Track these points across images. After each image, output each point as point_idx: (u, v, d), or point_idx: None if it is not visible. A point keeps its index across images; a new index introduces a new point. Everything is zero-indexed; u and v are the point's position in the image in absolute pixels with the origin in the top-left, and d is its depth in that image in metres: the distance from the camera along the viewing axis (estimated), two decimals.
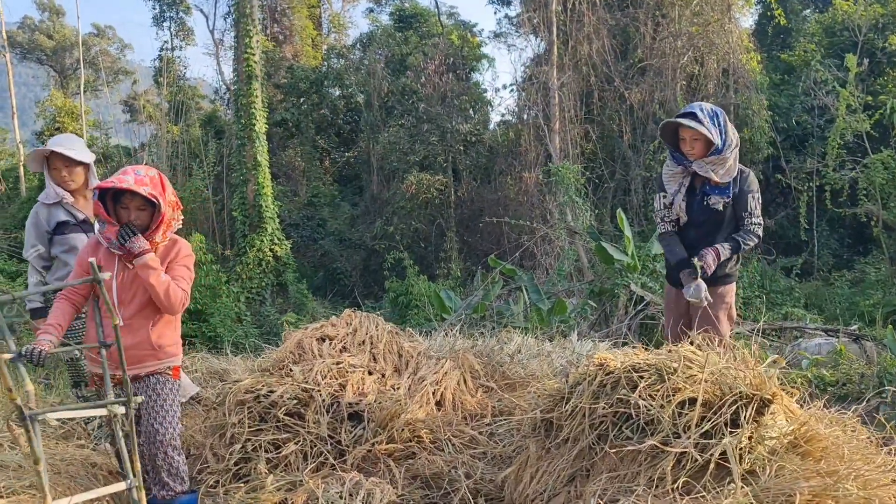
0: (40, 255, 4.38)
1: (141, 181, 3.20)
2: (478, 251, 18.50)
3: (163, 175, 3.35)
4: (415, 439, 3.87)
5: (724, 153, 3.93)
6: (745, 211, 4.04)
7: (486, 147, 20.45)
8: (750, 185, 4.06)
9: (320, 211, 21.13)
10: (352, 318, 4.83)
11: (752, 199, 4.01)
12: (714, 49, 17.12)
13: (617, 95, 17.95)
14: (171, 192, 3.35)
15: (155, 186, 3.24)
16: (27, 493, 3.54)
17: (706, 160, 3.96)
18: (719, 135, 3.91)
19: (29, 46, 31.61)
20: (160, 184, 3.29)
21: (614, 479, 3.05)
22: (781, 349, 8.42)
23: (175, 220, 3.37)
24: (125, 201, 3.27)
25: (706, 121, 3.91)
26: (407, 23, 24.56)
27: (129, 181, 3.17)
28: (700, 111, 3.94)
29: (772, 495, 2.58)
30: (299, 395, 4.04)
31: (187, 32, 27.18)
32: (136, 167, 3.30)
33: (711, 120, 3.93)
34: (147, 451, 3.36)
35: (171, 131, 22.83)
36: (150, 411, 3.37)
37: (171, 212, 3.32)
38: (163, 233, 3.31)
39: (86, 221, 4.42)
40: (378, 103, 22.18)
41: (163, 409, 3.37)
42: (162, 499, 3.39)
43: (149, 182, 3.22)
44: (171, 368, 3.44)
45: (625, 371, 3.21)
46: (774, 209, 17.93)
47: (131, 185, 3.15)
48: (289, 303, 16.48)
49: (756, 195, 4.04)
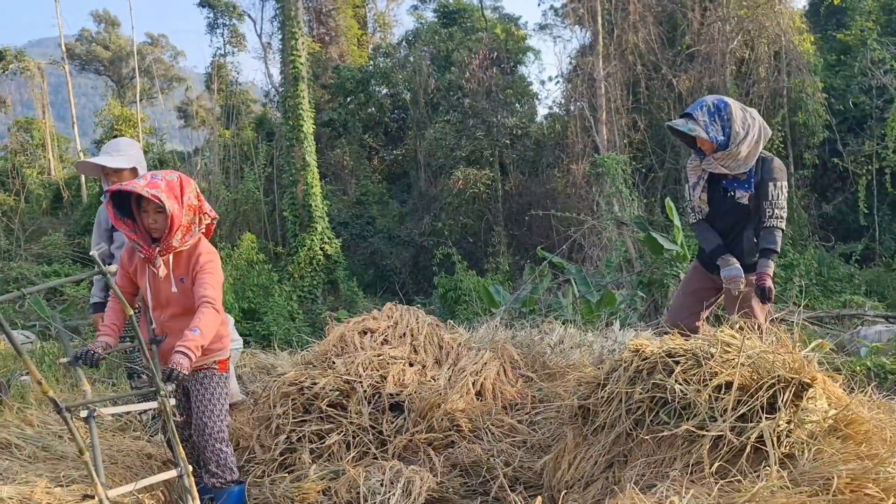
0: (102, 253, 4.52)
1: (153, 184, 3.18)
2: (526, 245, 18.45)
3: (186, 179, 3.32)
4: (454, 428, 3.91)
5: (729, 148, 3.84)
6: (766, 200, 3.90)
7: (533, 140, 20.38)
8: (772, 171, 3.92)
9: (369, 209, 21.34)
10: (393, 312, 4.89)
11: (775, 188, 3.87)
12: (764, 32, 16.70)
13: (665, 83, 17.67)
14: (192, 196, 3.31)
15: (169, 190, 3.21)
16: (85, 482, 3.71)
17: (714, 156, 3.90)
18: (721, 130, 3.84)
19: (87, 58, 32.69)
20: (177, 187, 3.26)
21: (651, 464, 3.05)
22: (840, 337, 8.21)
23: (196, 225, 3.34)
24: (144, 205, 3.27)
25: (702, 118, 3.86)
26: (451, 18, 24.60)
27: (139, 184, 3.17)
28: (699, 109, 3.90)
29: (809, 479, 2.55)
30: (341, 387, 4.12)
31: (240, 38, 27.78)
32: (157, 172, 3.29)
33: (711, 116, 3.86)
34: (197, 442, 3.47)
35: (223, 135, 23.35)
36: (198, 405, 3.45)
37: (192, 216, 3.30)
38: (181, 237, 3.28)
39: None
40: (424, 100, 22.30)
41: (210, 403, 3.45)
42: (212, 486, 3.49)
43: (163, 186, 3.19)
44: (216, 363, 3.50)
45: (661, 356, 3.20)
46: (832, 194, 17.43)
47: (136, 188, 3.15)
48: (340, 300, 16.70)
49: (779, 183, 3.88)
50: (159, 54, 34.40)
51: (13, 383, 7.41)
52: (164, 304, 3.38)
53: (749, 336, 3.13)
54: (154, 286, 3.37)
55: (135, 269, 3.46)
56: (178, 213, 3.21)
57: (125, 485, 3.35)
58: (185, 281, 3.36)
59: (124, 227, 3.29)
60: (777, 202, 3.86)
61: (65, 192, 24.72)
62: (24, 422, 5.02)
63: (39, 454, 4.19)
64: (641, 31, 17.70)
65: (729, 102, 3.90)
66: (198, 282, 3.30)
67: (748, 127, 3.85)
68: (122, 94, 31.55)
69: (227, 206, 19.07)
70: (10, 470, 3.97)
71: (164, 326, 3.38)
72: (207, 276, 3.33)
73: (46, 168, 26.88)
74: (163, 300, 3.38)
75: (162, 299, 3.38)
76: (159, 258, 3.31)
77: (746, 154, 3.87)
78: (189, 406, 3.59)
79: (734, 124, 3.83)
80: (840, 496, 2.52)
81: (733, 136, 3.83)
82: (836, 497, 2.51)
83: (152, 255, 3.29)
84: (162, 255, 3.31)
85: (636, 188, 15.79)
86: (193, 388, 3.46)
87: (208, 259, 3.38)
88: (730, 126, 3.84)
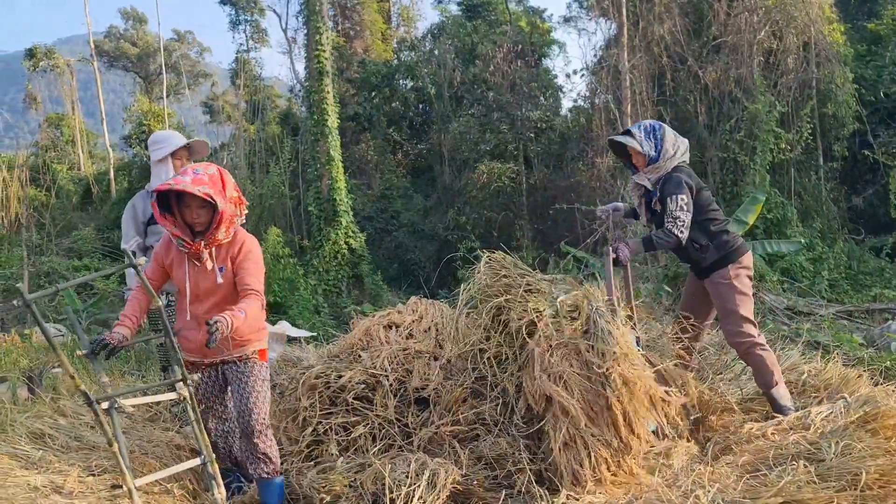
0: (139, 246, 4.63)
1: (199, 180, 3.22)
2: (551, 238, 18.37)
3: (224, 171, 3.38)
4: (479, 422, 3.93)
5: (658, 162, 4.32)
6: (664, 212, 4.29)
7: (558, 133, 20.26)
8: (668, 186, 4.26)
9: (393, 203, 21.38)
10: (417, 306, 4.93)
11: (670, 201, 4.20)
12: (793, 22, 16.41)
13: (691, 75, 17.47)
14: (232, 188, 3.37)
15: (214, 185, 3.26)
16: (115, 471, 3.78)
17: (645, 170, 4.38)
18: (654, 147, 4.32)
19: (115, 55, 33.07)
20: (220, 181, 3.31)
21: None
22: (869, 332, 8.10)
23: (237, 216, 3.39)
24: (186, 200, 3.32)
25: (639, 136, 4.35)
26: (475, 12, 24.53)
27: (186, 181, 3.20)
28: (637, 129, 4.40)
29: (836, 474, 2.53)
30: (367, 380, 4.16)
31: (261, 34, 27.97)
32: (197, 165, 3.34)
33: (647, 134, 4.35)
34: (242, 432, 3.47)
35: (249, 130, 23.52)
36: (239, 396, 3.49)
37: (233, 208, 3.35)
38: (225, 230, 3.33)
39: None
40: (448, 94, 22.27)
41: (253, 392, 3.47)
42: (258, 477, 3.52)
43: (207, 181, 3.24)
44: (256, 352, 3.52)
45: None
46: (862, 186, 17.14)
47: (187, 186, 3.18)
48: (365, 294, 16.77)
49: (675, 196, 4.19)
50: (186, 50, 34.72)
51: (45, 375, 7.57)
52: (202, 296, 3.41)
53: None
54: (193, 279, 3.40)
55: (171, 262, 3.49)
56: (226, 208, 3.26)
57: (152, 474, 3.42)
58: (224, 270, 3.39)
59: (167, 223, 3.32)
60: (672, 213, 4.19)
61: (94, 187, 25.07)
62: (57, 412, 5.14)
63: (72, 444, 4.29)
64: (667, 22, 17.50)
65: (663, 126, 4.39)
66: (242, 271, 3.36)
67: (676, 148, 4.32)
68: (149, 90, 31.89)
69: (253, 201, 19.19)
70: (44, 459, 4.07)
71: (200, 319, 3.38)
72: (251, 264, 3.38)
73: (76, 164, 27.28)
74: (202, 293, 3.41)
75: (201, 292, 3.41)
76: (205, 252, 3.35)
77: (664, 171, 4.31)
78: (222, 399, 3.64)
79: (666, 143, 4.31)
80: (868, 492, 2.50)
81: (662, 153, 4.31)
82: (865, 493, 2.49)
83: (198, 249, 3.33)
84: (207, 248, 3.35)
85: None
86: (234, 379, 3.49)
87: (250, 248, 3.43)
88: (662, 144, 4.32)
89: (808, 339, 6.57)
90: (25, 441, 4.45)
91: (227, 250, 3.41)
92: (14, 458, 3.96)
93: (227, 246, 3.41)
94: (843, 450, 2.66)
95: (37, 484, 3.47)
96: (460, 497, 3.44)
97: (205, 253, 3.35)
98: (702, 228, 4.30)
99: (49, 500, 3.22)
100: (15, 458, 3.96)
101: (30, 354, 9.52)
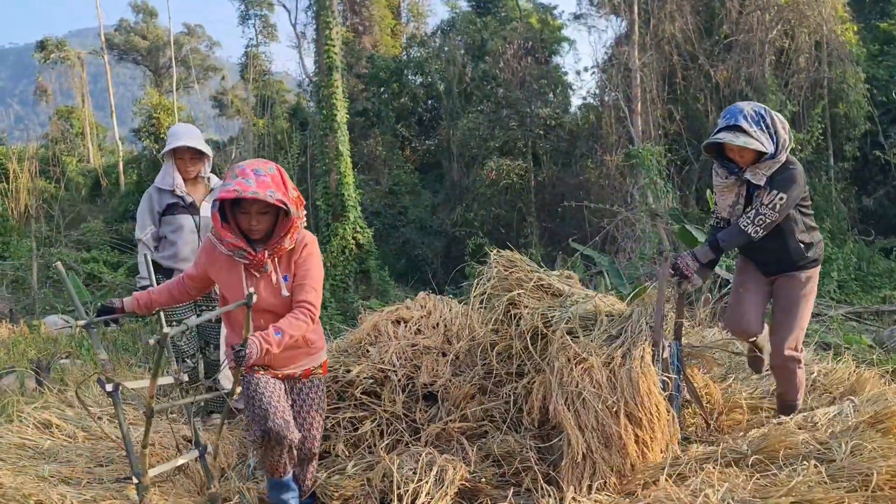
0: (153, 235, 4.64)
1: (264, 183, 2.84)
2: (558, 236, 18.34)
3: (282, 169, 2.99)
4: (487, 418, 3.92)
5: (777, 156, 3.56)
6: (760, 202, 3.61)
7: (567, 131, 20.23)
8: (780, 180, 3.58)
9: (401, 199, 21.39)
10: (426, 302, 4.91)
11: (772, 195, 3.54)
12: (805, 21, 16.34)
13: (702, 74, 17.41)
14: (292, 187, 2.98)
15: (278, 187, 2.89)
16: (121, 462, 3.80)
17: (758, 166, 3.59)
18: (770, 138, 3.53)
19: (125, 48, 33.16)
20: (282, 182, 2.93)
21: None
22: (879, 333, 8.06)
23: (300, 219, 3.00)
24: (245, 205, 2.92)
25: (753, 130, 3.50)
26: (485, 8, 24.50)
27: (253, 186, 2.81)
28: (745, 120, 3.52)
29: (847, 474, 2.52)
30: (375, 375, 4.15)
31: (270, 29, 28.01)
32: (253, 164, 2.91)
33: (758, 125, 3.52)
34: (305, 441, 3.29)
35: (258, 125, 23.57)
36: (308, 407, 3.29)
37: (296, 210, 2.96)
38: (291, 237, 2.97)
39: (193, 205, 4.65)
40: (457, 90, 22.25)
41: (319, 407, 3.34)
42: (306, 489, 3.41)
43: (271, 183, 2.87)
44: (320, 366, 3.34)
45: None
46: (873, 187, 17.06)
47: (258, 194, 2.80)
48: (371, 289, 16.79)
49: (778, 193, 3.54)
50: (196, 44, 34.78)
51: (53, 366, 7.60)
52: (262, 311, 3.02)
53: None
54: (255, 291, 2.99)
55: (217, 269, 3.12)
56: (296, 214, 2.92)
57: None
58: (288, 279, 3.05)
59: (229, 234, 2.95)
60: (768, 203, 3.56)
61: (103, 180, 25.18)
62: (64, 403, 5.16)
63: (79, 434, 4.30)
64: (678, 20, 17.44)
65: (768, 109, 3.62)
66: (301, 278, 3.03)
67: (787, 133, 3.61)
68: (159, 83, 31.97)
69: None
70: (52, 449, 4.08)
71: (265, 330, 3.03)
72: (313, 270, 3.06)
73: (86, 156, 27.39)
74: (261, 307, 3.00)
75: (261, 306, 2.98)
76: (269, 263, 3.00)
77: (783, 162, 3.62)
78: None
79: (779, 129, 3.57)
80: (879, 493, 2.49)
81: (781, 145, 3.56)
82: (876, 493, 2.48)
83: (262, 260, 2.97)
84: (270, 259, 3.00)
85: (671, 180, 15.61)
86: (302, 392, 3.28)
87: (312, 251, 3.09)
88: (776, 132, 3.56)
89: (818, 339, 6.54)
90: (33, 431, 4.47)
91: (290, 256, 3.06)
92: (22, 447, 3.98)
93: (289, 251, 3.06)
94: (853, 450, 2.64)
95: (45, 474, 3.48)
96: (468, 493, 3.42)
97: (269, 264, 3.00)
98: (808, 227, 3.73)
99: (57, 490, 3.22)
100: (23, 447, 3.98)
101: (38, 345, 9.57)
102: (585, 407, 3.25)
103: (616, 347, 3.47)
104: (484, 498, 3.38)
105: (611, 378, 3.32)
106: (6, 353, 9.04)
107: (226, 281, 3.09)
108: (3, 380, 7.05)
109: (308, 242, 3.06)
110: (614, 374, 3.34)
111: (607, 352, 3.45)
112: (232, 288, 3.06)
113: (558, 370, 3.43)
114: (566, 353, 3.47)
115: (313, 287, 3.02)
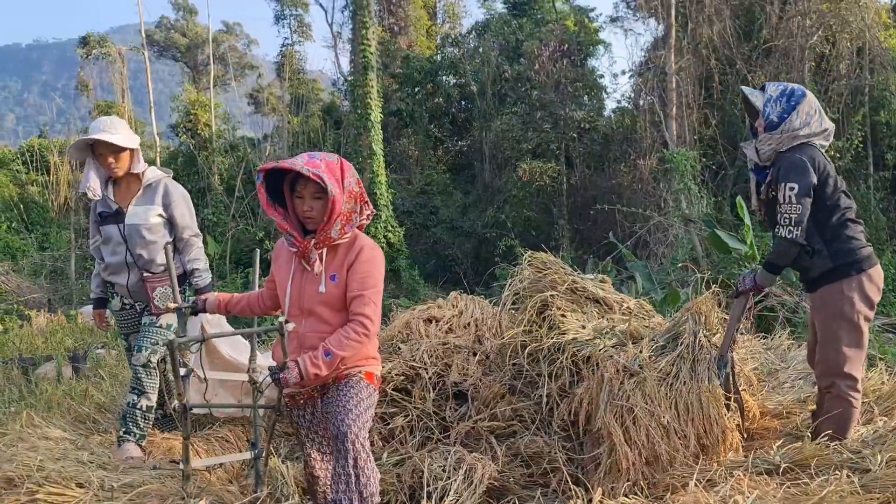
0: (98, 248, 4.19)
1: (313, 164, 2.73)
2: (590, 239, 18.26)
3: (345, 162, 2.87)
4: (517, 418, 3.94)
5: (775, 131, 3.40)
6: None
7: (601, 134, 20.12)
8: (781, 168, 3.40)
9: (433, 199, 21.44)
10: (458, 301, 4.95)
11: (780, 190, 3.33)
12: (847, 27, 16.07)
13: (739, 79, 17.19)
14: (353, 181, 2.84)
15: (332, 172, 2.76)
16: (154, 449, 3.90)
17: (759, 140, 3.47)
18: (781, 113, 3.39)
19: (165, 44, 33.67)
20: (338, 170, 2.80)
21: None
22: None
23: (357, 214, 2.85)
24: (299, 189, 2.82)
25: (772, 93, 3.43)
26: (521, 9, 24.45)
27: (299, 163, 2.72)
28: (774, 86, 3.49)
29: (881, 485, 2.49)
30: (407, 372, 4.19)
31: (305, 29, 28.30)
32: (314, 152, 2.84)
33: (781, 96, 3.42)
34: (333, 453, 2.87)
35: (292, 122, 23.79)
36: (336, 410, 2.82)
37: (353, 204, 2.83)
38: (340, 228, 2.79)
39: (119, 212, 4.04)
40: (491, 91, 22.25)
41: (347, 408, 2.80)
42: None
43: (323, 166, 2.74)
44: (362, 372, 2.91)
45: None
46: None
47: (295, 165, 2.71)
48: (401, 288, 16.85)
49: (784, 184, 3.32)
50: (234, 42, 35.18)
51: (90, 355, 7.78)
52: (306, 311, 2.87)
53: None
54: (298, 287, 2.89)
55: (278, 264, 3.02)
56: (340, 198, 2.75)
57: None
58: (336, 279, 2.83)
59: (276, 214, 2.86)
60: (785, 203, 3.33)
61: None
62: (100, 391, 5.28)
63: (116, 424, 4.40)
64: (717, 24, 17.26)
65: (808, 95, 3.46)
66: (358, 288, 2.80)
67: (806, 124, 3.40)
68: (197, 80, 32.38)
69: None
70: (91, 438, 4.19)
71: (301, 339, 2.87)
72: (370, 280, 2.81)
73: None
74: (305, 306, 2.86)
75: (304, 304, 2.86)
76: (314, 252, 2.82)
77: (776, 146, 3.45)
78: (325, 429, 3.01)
79: (797, 112, 3.40)
80: None
81: (786, 122, 3.38)
82: None
83: (307, 247, 2.81)
84: (317, 248, 2.83)
85: (705, 185, 15.46)
86: (330, 398, 2.89)
87: (369, 257, 2.85)
88: (788, 112, 3.40)
89: None
90: (71, 418, 4.58)
91: (343, 256, 2.86)
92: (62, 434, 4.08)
93: (343, 251, 2.87)
94: (888, 460, 2.61)
95: (84, 459, 3.57)
96: (496, 493, 3.45)
97: (314, 253, 2.82)
98: (817, 227, 3.39)
99: (96, 474, 3.31)
100: (64, 434, 4.08)
101: (75, 335, 9.79)
102: (636, 423, 3.18)
103: (669, 363, 3.39)
104: (511, 497, 3.40)
105: (667, 394, 3.25)
106: (44, 341, 9.27)
107: (282, 275, 2.98)
108: (40, 368, 7.24)
109: (367, 247, 2.86)
110: (670, 389, 3.27)
111: (661, 366, 3.38)
112: (282, 284, 2.96)
113: (608, 381, 3.38)
114: (615, 364, 3.42)
115: (372, 300, 2.79)
